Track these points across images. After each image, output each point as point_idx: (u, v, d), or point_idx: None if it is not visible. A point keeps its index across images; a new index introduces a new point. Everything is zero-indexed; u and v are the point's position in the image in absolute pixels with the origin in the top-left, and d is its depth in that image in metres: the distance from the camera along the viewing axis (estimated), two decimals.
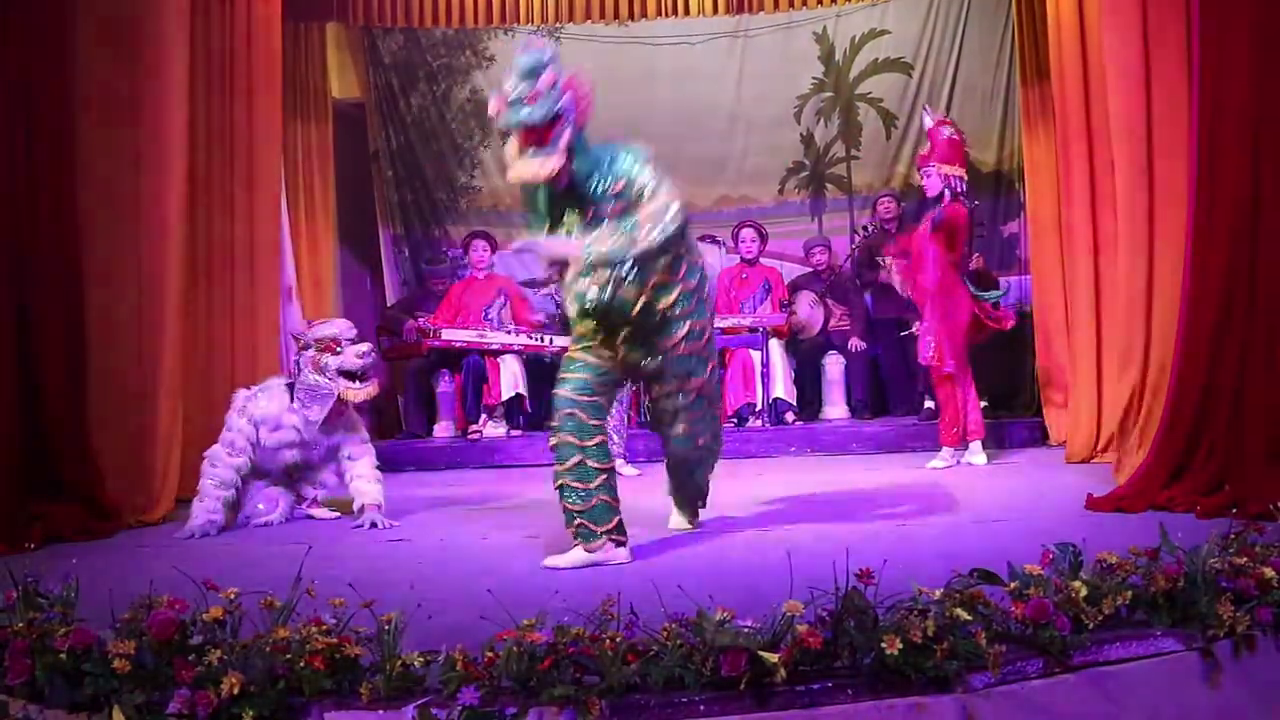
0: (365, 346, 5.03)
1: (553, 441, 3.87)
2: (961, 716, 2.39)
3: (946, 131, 6.23)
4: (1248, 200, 4.43)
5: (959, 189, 6.13)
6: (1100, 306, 5.76)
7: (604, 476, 3.81)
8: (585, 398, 3.85)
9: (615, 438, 6.46)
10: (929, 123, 6.39)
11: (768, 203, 8.94)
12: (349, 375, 4.96)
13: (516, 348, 7.68)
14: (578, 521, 3.77)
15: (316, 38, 7.54)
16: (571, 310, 3.85)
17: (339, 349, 4.94)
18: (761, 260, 8.20)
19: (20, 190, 4.86)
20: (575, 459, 3.78)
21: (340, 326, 5.10)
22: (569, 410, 3.84)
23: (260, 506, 5.07)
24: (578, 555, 3.76)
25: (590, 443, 3.80)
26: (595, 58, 8.87)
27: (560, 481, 3.81)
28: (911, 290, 6.29)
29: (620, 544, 3.82)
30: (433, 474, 7.02)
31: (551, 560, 3.79)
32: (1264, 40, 4.40)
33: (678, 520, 4.50)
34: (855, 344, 7.94)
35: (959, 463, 6.06)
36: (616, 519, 3.81)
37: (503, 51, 8.94)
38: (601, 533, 3.76)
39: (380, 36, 8.83)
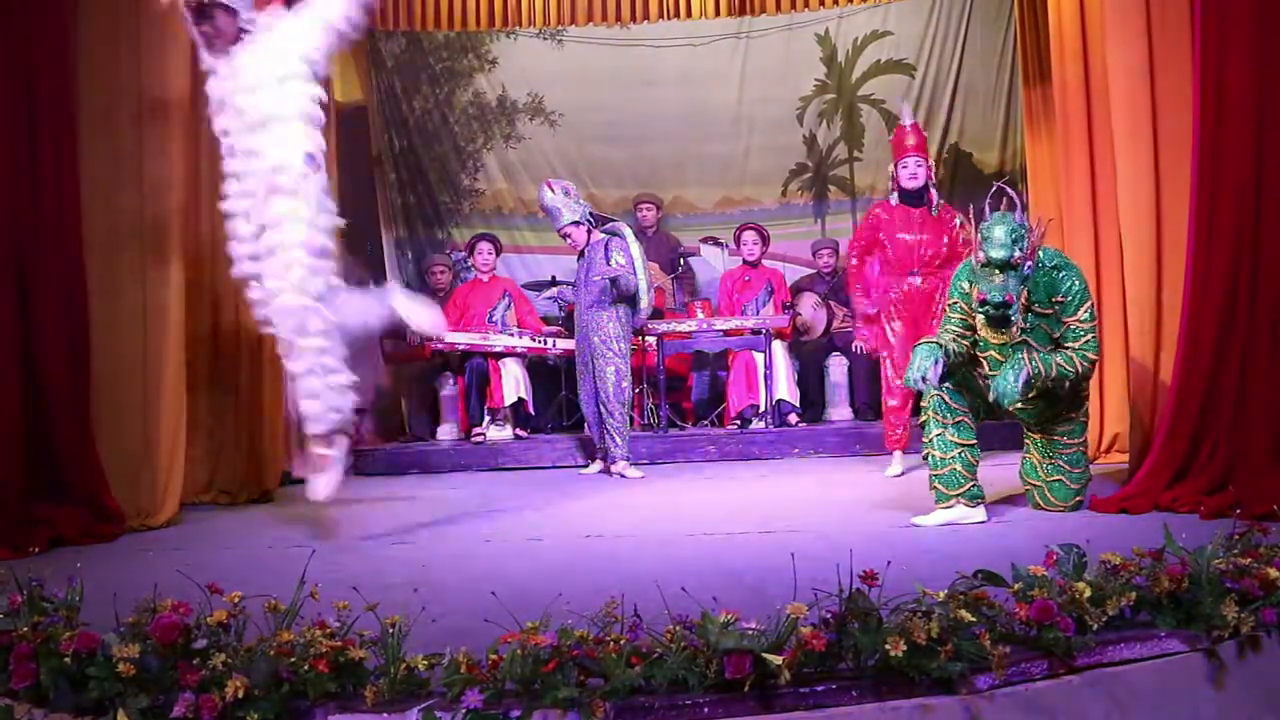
0: None
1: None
2: (966, 718, 2.39)
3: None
4: (1250, 200, 4.43)
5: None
6: (1102, 306, 5.74)
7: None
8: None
9: (618, 439, 6.49)
10: (910, 120, 6.38)
11: (770, 204, 8.95)
12: None
13: (520, 350, 7.68)
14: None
15: None
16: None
17: None
18: (764, 262, 8.21)
19: (24, 193, 4.86)
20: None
21: None
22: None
23: None
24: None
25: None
26: (598, 60, 8.91)
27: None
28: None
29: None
30: (436, 477, 7.03)
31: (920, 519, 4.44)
32: (1265, 39, 4.40)
33: None
34: (859, 341, 7.89)
35: None
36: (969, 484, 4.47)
37: (505, 54, 8.97)
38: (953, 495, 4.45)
39: (382, 39, 8.84)
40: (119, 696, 2.38)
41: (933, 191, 6.18)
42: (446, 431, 7.87)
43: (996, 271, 4.25)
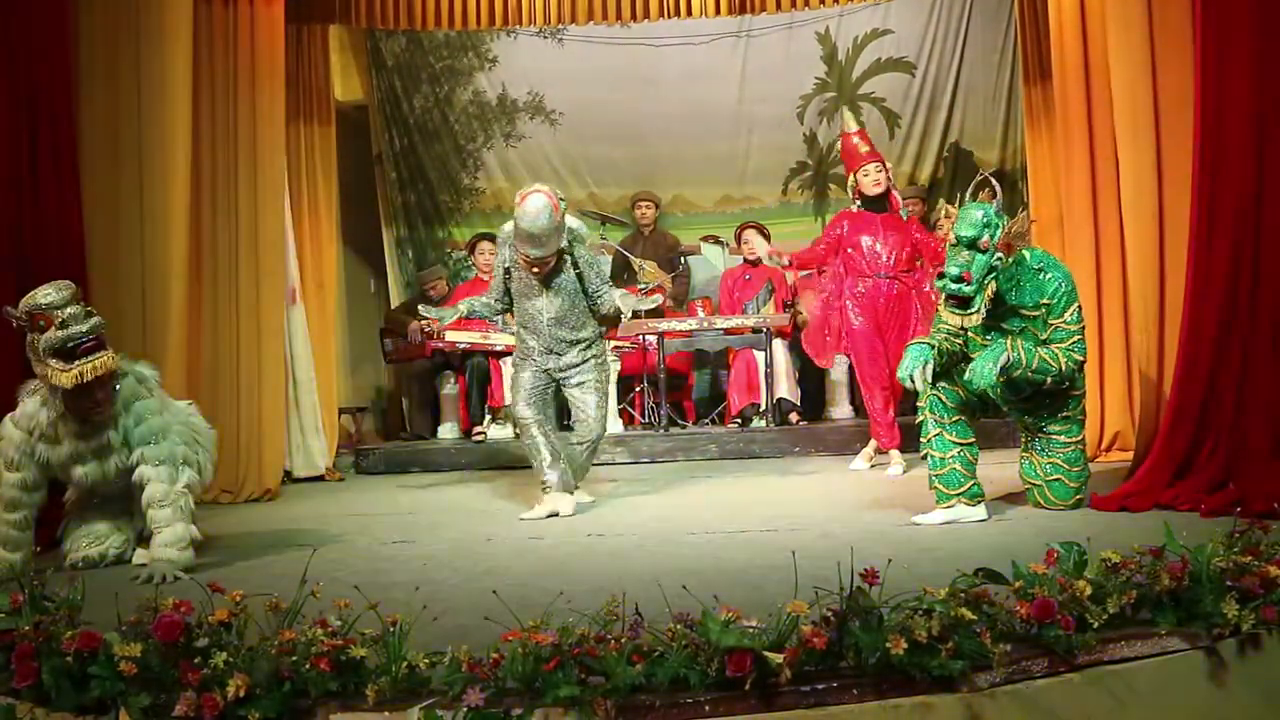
0: (74, 309, 3.79)
1: None
2: (966, 716, 2.39)
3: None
4: (1250, 198, 4.43)
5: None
6: (1102, 304, 5.75)
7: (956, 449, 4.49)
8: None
9: (588, 421, 5.38)
10: (854, 127, 6.43)
11: (771, 203, 8.95)
12: (60, 354, 3.76)
13: None
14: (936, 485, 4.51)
15: (319, 40, 7.52)
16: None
17: (50, 322, 3.78)
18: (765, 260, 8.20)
19: (25, 194, 4.87)
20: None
21: (50, 294, 3.83)
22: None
23: (83, 542, 4.18)
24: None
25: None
26: (598, 59, 8.90)
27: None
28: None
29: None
30: (437, 475, 7.02)
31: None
32: (1266, 36, 4.40)
33: None
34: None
35: None
36: (969, 483, 4.47)
37: (505, 53, 8.97)
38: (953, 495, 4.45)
39: (383, 39, 8.84)
40: (121, 695, 2.38)
41: (894, 195, 6.25)
42: (447, 430, 7.87)
43: (964, 250, 4.31)
